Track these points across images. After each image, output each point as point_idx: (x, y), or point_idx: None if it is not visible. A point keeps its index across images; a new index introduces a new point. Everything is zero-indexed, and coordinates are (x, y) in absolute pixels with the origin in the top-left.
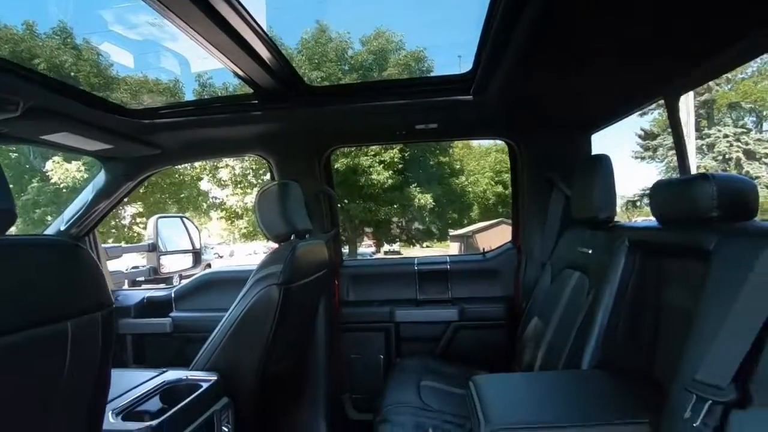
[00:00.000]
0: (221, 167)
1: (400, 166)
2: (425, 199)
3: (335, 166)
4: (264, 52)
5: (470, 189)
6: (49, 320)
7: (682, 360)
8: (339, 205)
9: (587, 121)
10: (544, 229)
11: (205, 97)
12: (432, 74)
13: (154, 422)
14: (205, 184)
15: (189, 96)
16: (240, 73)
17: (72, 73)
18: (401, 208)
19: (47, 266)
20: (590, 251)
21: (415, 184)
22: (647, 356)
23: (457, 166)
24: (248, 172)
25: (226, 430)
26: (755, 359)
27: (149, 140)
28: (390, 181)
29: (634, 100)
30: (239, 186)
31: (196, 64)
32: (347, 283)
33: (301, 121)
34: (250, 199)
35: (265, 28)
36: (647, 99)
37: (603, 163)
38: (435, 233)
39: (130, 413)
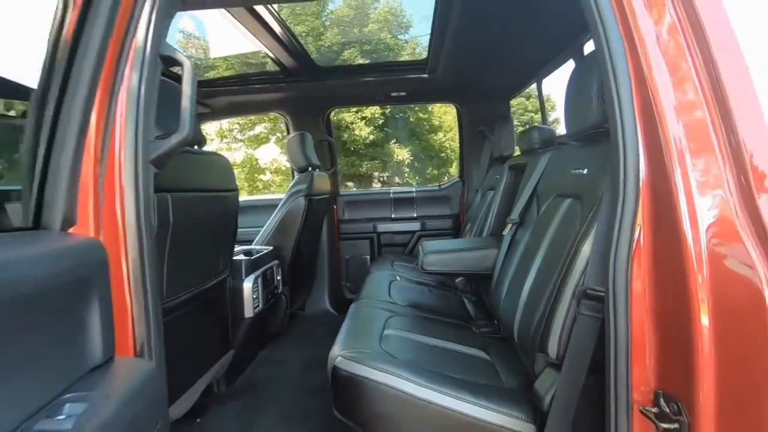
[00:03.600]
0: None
1: (380, 122)
2: (403, 155)
3: None
4: (289, 42)
5: (447, 145)
6: (223, 190)
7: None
8: None
9: (504, 92)
10: (479, 167)
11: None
12: (399, 59)
13: (252, 256)
14: None
15: None
16: (271, 55)
17: None
18: (381, 164)
19: (219, 165)
20: (498, 176)
21: (395, 140)
22: None
23: (436, 123)
24: (234, 127)
25: (279, 278)
26: (531, 201)
27: (204, 102)
28: (371, 136)
29: (522, 82)
30: (224, 140)
31: (217, 49)
32: (343, 207)
33: (310, 89)
34: (239, 155)
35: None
36: (528, 82)
37: (507, 122)
38: None
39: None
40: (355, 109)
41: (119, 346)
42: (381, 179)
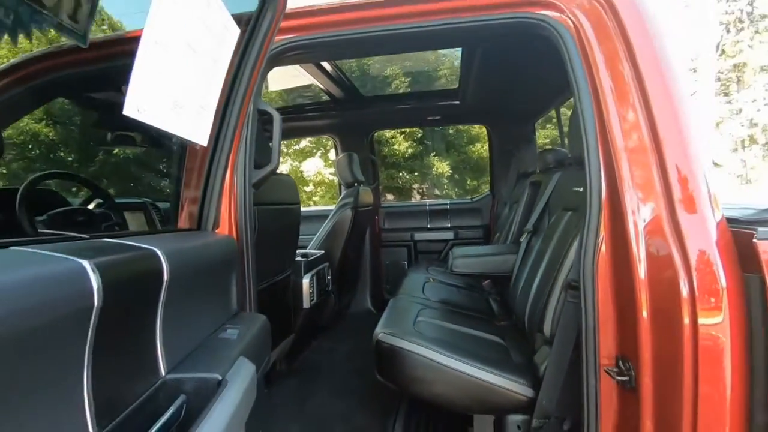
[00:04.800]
0: None
1: (419, 135)
2: (442, 167)
3: None
4: (338, 77)
5: (486, 155)
6: (290, 203)
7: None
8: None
9: (528, 116)
10: (507, 181)
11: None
12: (438, 73)
13: (309, 258)
14: None
15: None
16: (323, 88)
17: None
18: (421, 176)
19: (287, 183)
20: (522, 191)
21: (434, 153)
22: None
23: (474, 133)
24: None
25: (329, 278)
26: (544, 213)
27: (266, 128)
28: (410, 150)
29: (544, 108)
30: None
31: (275, 84)
32: (384, 217)
33: (356, 115)
34: (285, 167)
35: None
36: (549, 107)
37: (531, 143)
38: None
39: None
40: None
41: None
42: (420, 191)
